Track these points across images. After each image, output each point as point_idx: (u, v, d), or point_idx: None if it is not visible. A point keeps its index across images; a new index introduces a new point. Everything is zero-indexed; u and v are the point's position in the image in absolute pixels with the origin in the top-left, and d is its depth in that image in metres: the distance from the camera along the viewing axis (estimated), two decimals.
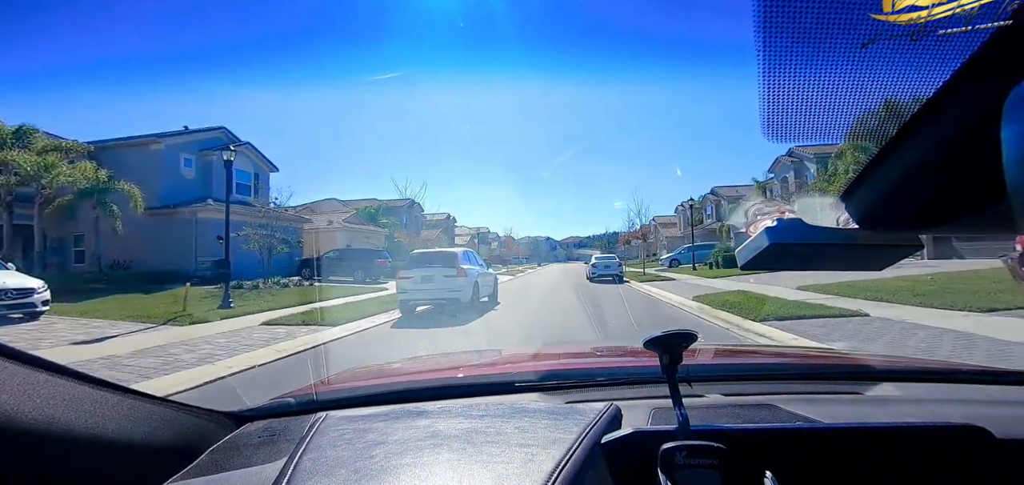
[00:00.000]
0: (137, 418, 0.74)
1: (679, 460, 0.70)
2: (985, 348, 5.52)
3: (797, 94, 0.45)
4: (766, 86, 0.45)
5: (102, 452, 0.66)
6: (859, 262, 0.67)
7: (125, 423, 0.71)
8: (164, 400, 0.84)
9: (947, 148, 0.40)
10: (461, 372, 1.43)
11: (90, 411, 0.66)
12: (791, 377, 1.31)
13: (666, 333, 0.81)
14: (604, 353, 1.91)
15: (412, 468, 0.68)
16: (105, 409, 0.68)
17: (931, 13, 0.40)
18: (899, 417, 1.01)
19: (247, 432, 0.98)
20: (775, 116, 0.47)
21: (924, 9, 0.40)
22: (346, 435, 0.79)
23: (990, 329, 6.34)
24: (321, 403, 1.12)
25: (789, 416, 0.96)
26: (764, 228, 0.56)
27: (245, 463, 0.82)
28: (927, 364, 1.66)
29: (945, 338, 6.09)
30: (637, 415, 0.95)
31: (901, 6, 0.41)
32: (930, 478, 0.76)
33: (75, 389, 0.65)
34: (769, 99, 0.46)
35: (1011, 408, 1.07)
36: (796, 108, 0.46)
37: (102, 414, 0.67)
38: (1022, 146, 0.29)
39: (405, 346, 7.40)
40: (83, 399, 0.66)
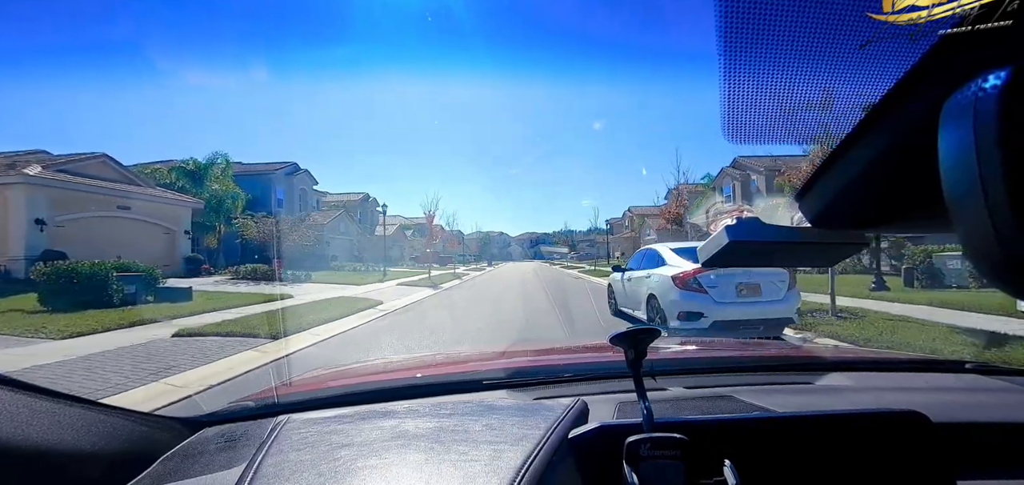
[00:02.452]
0: (82, 427, 0.69)
1: (643, 452, 0.72)
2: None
3: (756, 96, 0.47)
4: (726, 89, 0.46)
5: (45, 464, 0.62)
6: (810, 259, 0.71)
7: (69, 433, 0.67)
8: (111, 407, 0.79)
9: (890, 153, 0.42)
10: (428, 371, 1.42)
11: (29, 422, 0.61)
12: (749, 369, 1.37)
13: (631, 329, 0.82)
14: (571, 350, 1.93)
15: (379, 469, 0.67)
16: (47, 419, 0.64)
17: (919, 16, 0.41)
18: (847, 404, 1.07)
19: (203, 438, 0.93)
20: (735, 118, 0.48)
21: (894, 13, 0.42)
22: (309, 438, 0.77)
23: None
24: (283, 406, 1.08)
25: (747, 406, 1.00)
26: (724, 226, 0.58)
27: (201, 470, 0.78)
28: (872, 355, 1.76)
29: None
30: (603, 409, 0.96)
31: (900, 6, 0.42)
32: (875, 460, 0.81)
33: (11, 398, 0.61)
34: (729, 101, 0.47)
35: (945, 394, 1.15)
36: (755, 110, 0.48)
37: (43, 425, 0.63)
38: (956, 153, 0.30)
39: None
40: (21, 409, 0.61)
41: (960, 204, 0.30)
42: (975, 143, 0.29)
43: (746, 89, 0.46)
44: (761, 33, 0.42)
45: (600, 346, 1.62)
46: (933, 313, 8.20)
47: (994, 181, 0.28)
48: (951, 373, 1.32)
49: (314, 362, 5.45)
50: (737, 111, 0.48)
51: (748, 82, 0.45)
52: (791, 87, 0.45)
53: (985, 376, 1.27)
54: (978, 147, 0.29)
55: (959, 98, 0.31)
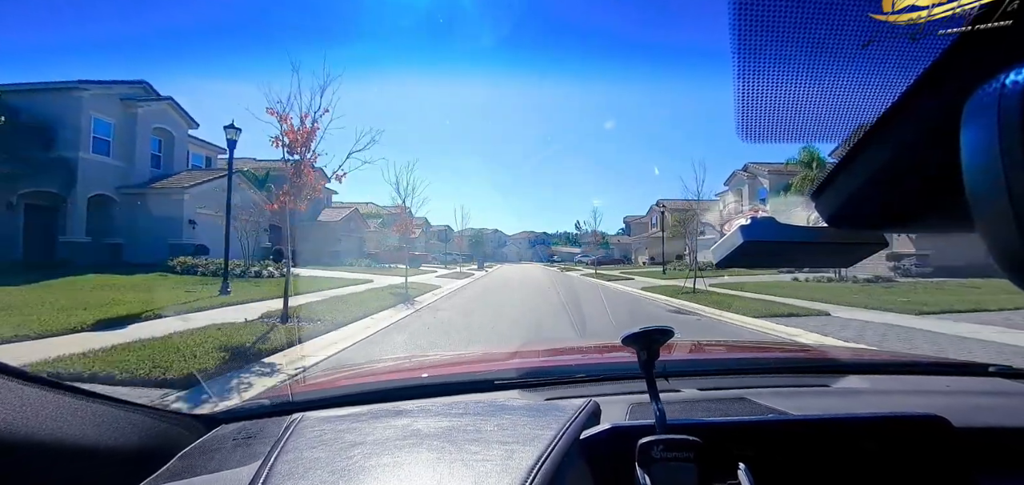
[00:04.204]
0: (101, 422, 0.71)
1: (656, 454, 0.71)
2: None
3: (771, 95, 0.46)
4: (740, 87, 0.46)
5: (64, 459, 0.63)
6: (827, 260, 0.69)
7: (89, 428, 0.68)
8: (130, 403, 0.81)
9: (910, 151, 0.42)
10: (440, 370, 1.42)
11: (51, 416, 0.63)
12: (763, 371, 1.35)
13: (644, 329, 0.82)
14: (583, 350, 1.93)
15: (391, 468, 0.67)
16: (66, 414, 0.66)
17: (919, 16, 0.41)
18: (865, 408, 1.05)
19: (219, 435, 0.95)
20: (749, 117, 0.48)
21: (895, 13, 0.42)
22: (323, 436, 0.78)
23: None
24: (297, 404, 1.10)
25: (762, 409, 0.99)
26: (738, 226, 0.57)
27: (217, 467, 0.79)
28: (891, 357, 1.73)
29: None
30: (615, 410, 0.96)
31: (901, 6, 0.42)
32: (894, 466, 0.79)
33: (33, 393, 0.63)
34: (743, 100, 0.46)
35: (968, 398, 1.12)
36: (770, 109, 0.47)
37: (63, 419, 0.65)
38: (979, 150, 0.30)
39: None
40: (43, 404, 0.63)
41: (983, 202, 0.30)
42: (999, 140, 0.28)
43: (759, 88, 0.46)
44: (776, 32, 0.41)
45: (612, 346, 1.62)
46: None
47: (1018, 178, 0.27)
48: (973, 376, 1.29)
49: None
50: (750, 111, 0.47)
51: (761, 81, 0.45)
52: (805, 86, 0.45)
53: (1008, 379, 1.24)
54: (1002, 144, 0.28)
55: (982, 95, 0.30)
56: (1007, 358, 3.30)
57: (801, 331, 8.13)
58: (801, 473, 0.78)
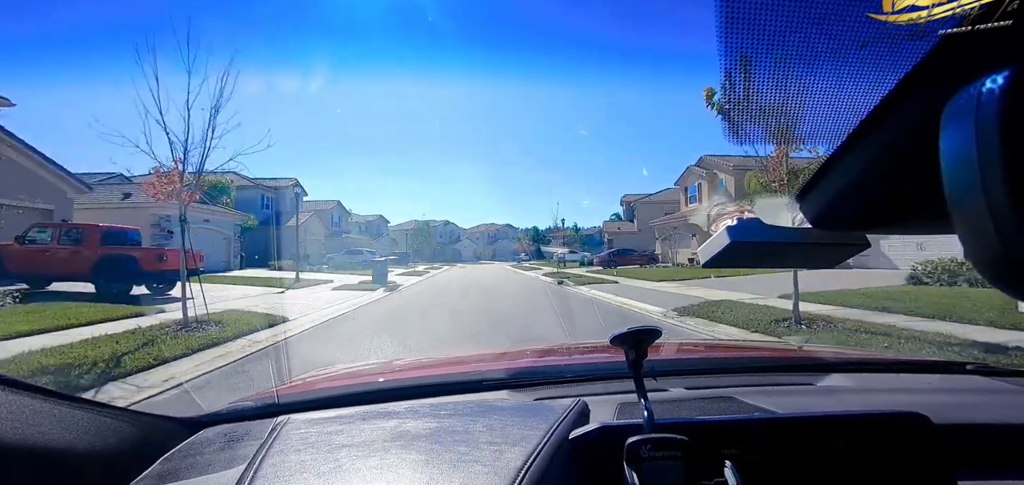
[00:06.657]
0: (81, 427, 0.70)
1: (644, 453, 0.72)
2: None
3: (756, 98, 0.47)
4: (726, 90, 0.46)
5: (47, 465, 0.62)
6: (811, 260, 0.70)
7: (68, 432, 0.67)
8: (112, 407, 0.79)
9: (892, 154, 0.42)
10: (429, 371, 1.42)
11: (28, 421, 0.61)
12: (749, 370, 1.37)
13: (631, 329, 0.82)
14: (572, 350, 1.94)
15: (379, 470, 0.67)
16: (48, 420, 0.64)
17: (919, 16, 0.41)
18: (848, 406, 1.07)
19: (204, 438, 0.94)
20: (736, 120, 0.48)
21: (895, 13, 0.42)
22: (310, 438, 0.77)
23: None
24: (283, 406, 1.08)
25: (748, 407, 1.00)
26: (725, 227, 0.58)
27: (201, 470, 0.78)
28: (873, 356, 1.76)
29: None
30: (604, 410, 0.96)
31: (901, 6, 0.42)
32: (876, 462, 0.80)
33: (8, 397, 0.61)
34: (729, 103, 0.47)
35: (947, 395, 1.15)
36: (755, 112, 0.48)
37: (41, 423, 0.63)
38: (958, 154, 0.31)
39: None
40: (20, 408, 0.61)
41: (962, 205, 0.30)
42: (977, 144, 0.29)
43: (746, 91, 0.46)
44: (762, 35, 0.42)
45: (601, 347, 1.62)
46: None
47: (995, 182, 0.28)
48: (952, 374, 1.32)
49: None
50: (738, 112, 0.48)
51: (748, 84, 0.45)
52: (791, 89, 0.45)
53: (986, 377, 1.27)
54: (979, 148, 0.29)
55: (961, 99, 0.31)
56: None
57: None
58: (786, 470, 0.80)
